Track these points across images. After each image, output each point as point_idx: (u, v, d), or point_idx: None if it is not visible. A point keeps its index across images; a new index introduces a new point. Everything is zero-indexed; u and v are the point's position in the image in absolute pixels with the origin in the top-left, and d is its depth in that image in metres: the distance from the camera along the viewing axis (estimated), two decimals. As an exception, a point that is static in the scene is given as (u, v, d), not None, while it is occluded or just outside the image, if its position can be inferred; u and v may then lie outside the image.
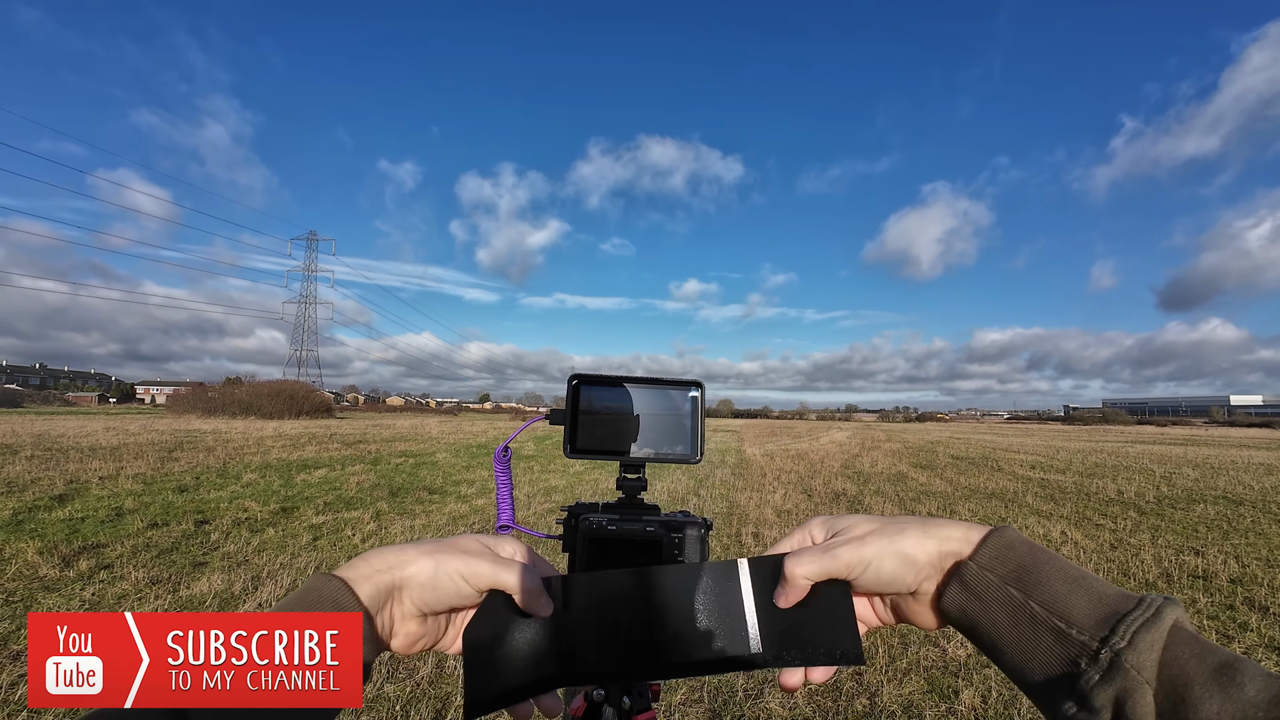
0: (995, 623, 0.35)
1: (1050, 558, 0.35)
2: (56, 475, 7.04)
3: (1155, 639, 0.30)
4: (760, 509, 5.87)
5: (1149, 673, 0.29)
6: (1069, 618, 0.32)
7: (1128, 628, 0.30)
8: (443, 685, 2.26)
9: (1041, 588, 0.34)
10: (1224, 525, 5.58)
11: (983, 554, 0.36)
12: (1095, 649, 0.31)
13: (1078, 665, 0.31)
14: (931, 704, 2.22)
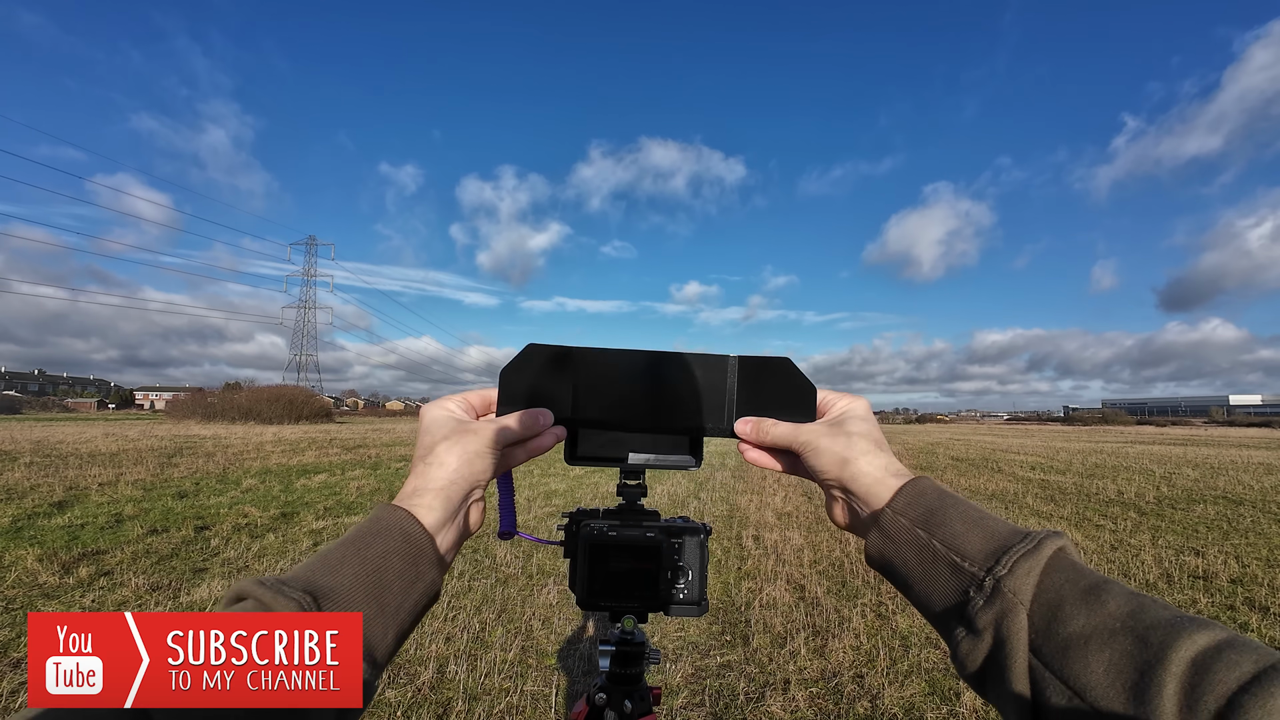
0: (905, 561, 0.39)
1: (956, 502, 0.39)
2: (56, 482, 7.02)
3: (1033, 566, 0.33)
4: (760, 511, 5.87)
5: (1025, 595, 0.33)
6: (964, 552, 0.36)
7: (1010, 558, 0.34)
8: (444, 690, 2.26)
9: (944, 528, 0.38)
10: (1224, 525, 5.57)
11: (897, 501, 0.41)
12: (982, 578, 0.35)
13: (968, 594, 0.35)
14: (932, 706, 2.22)
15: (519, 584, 3.50)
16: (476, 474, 0.44)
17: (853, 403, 0.48)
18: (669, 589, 0.53)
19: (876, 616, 3.10)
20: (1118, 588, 0.32)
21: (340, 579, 0.36)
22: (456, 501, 0.42)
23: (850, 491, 0.44)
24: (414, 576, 0.39)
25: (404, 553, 0.38)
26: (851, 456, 0.44)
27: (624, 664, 0.61)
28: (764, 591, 3.43)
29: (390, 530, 0.39)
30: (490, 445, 0.44)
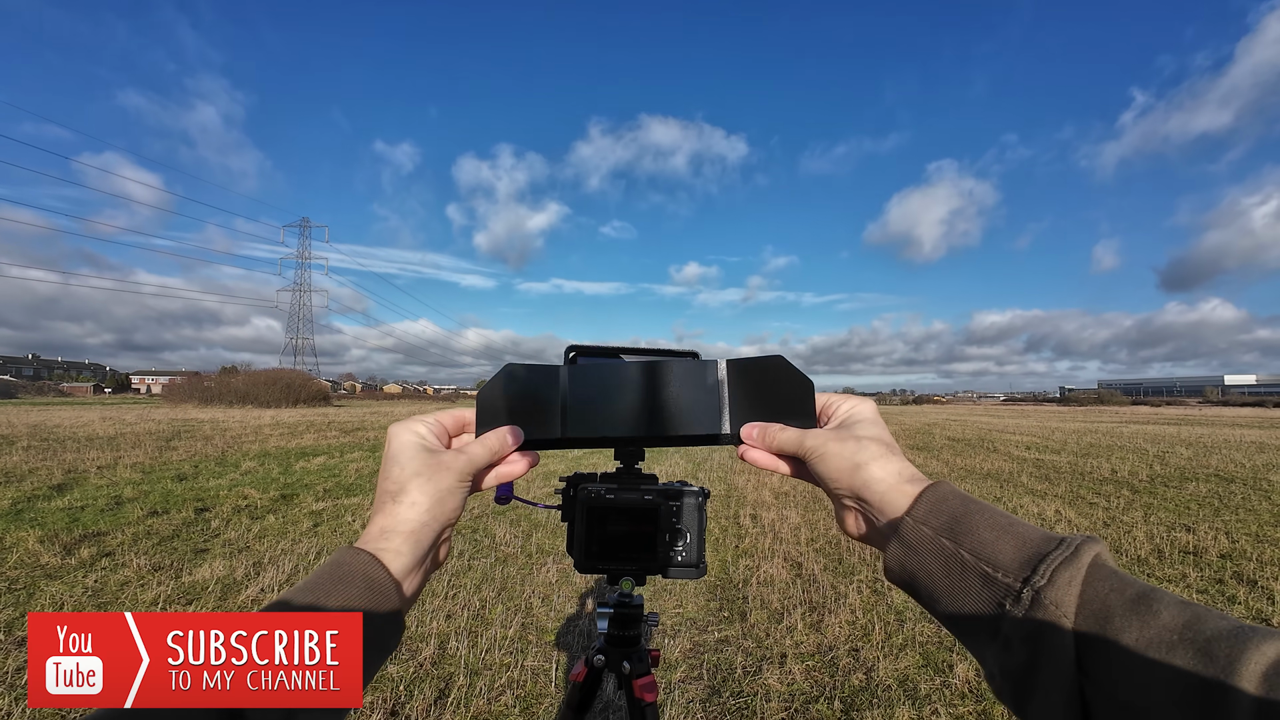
0: (930, 574, 0.37)
1: (981, 508, 0.37)
2: (54, 465, 7.03)
3: (1074, 575, 0.31)
4: (758, 491, 5.92)
5: (1068, 608, 0.30)
6: (995, 562, 0.34)
7: (1048, 566, 0.32)
8: (445, 666, 2.29)
9: (971, 536, 0.35)
10: (1215, 502, 5.64)
11: (918, 509, 0.38)
12: (1018, 589, 0.32)
13: (1002, 606, 0.33)
14: (926, 678, 2.26)
15: (518, 563, 3.54)
16: (448, 514, 0.42)
17: (859, 405, 0.46)
18: (667, 551, 0.53)
19: (872, 592, 3.14)
20: (1168, 596, 0.29)
21: None
22: (426, 545, 0.41)
23: (864, 500, 0.41)
24: (379, 623, 0.37)
25: (367, 600, 0.36)
26: (863, 461, 0.41)
27: (622, 626, 0.61)
28: (761, 569, 3.47)
29: (352, 578, 0.37)
30: (461, 480, 0.42)
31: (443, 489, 0.41)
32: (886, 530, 0.40)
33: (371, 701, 2.02)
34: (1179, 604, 0.29)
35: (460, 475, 0.42)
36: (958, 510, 0.37)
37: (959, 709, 2.05)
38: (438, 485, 0.41)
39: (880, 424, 0.45)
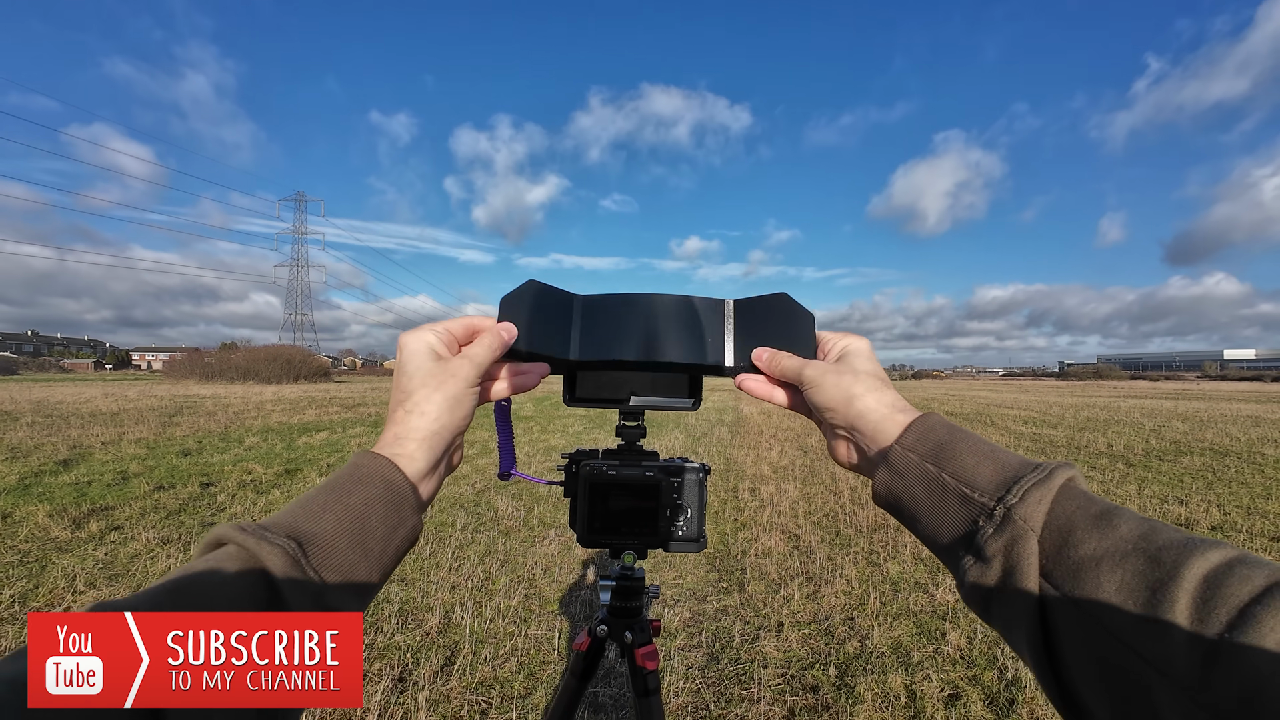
0: (914, 496, 0.40)
1: (966, 436, 0.40)
2: (59, 441, 7.09)
3: (1044, 494, 0.34)
4: (757, 465, 5.98)
5: (1035, 522, 0.33)
6: (973, 484, 0.37)
7: (1021, 487, 0.34)
8: (451, 634, 2.35)
9: (954, 461, 0.38)
10: (1209, 475, 5.71)
11: (906, 437, 0.41)
12: (992, 507, 0.35)
13: (977, 523, 0.36)
14: (919, 645, 2.32)
15: (521, 535, 3.59)
16: (458, 420, 0.43)
17: (855, 341, 0.48)
18: (668, 526, 0.54)
19: (868, 563, 3.20)
20: (1128, 514, 0.32)
21: (323, 525, 0.36)
22: (439, 451, 0.42)
23: (857, 429, 0.44)
24: (396, 523, 0.39)
25: (386, 500, 0.38)
26: (858, 393, 0.44)
27: (624, 598, 0.63)
28: (760, 541, 3.53)
29: (372, 479, 0.39)
30: (469, 384, 0.43)
31: (451, 396, 0.42)
32: (876, 458, 0.42)
33: (380, 669, 2.08)
34: (1138, 520, 0.31)
35: (468, 380, 0.43)
36: (944, 438, 0.39)
37: (950, 674, 2.12)
38: (446, 393, 0.42)
39: (874, 360, 0.47)
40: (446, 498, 4.47)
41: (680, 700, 1.97)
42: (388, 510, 0.38)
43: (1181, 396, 22.91)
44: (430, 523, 3.83)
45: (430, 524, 3.80)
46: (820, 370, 0.46)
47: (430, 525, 3.77)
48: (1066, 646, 0.31)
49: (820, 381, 0.45)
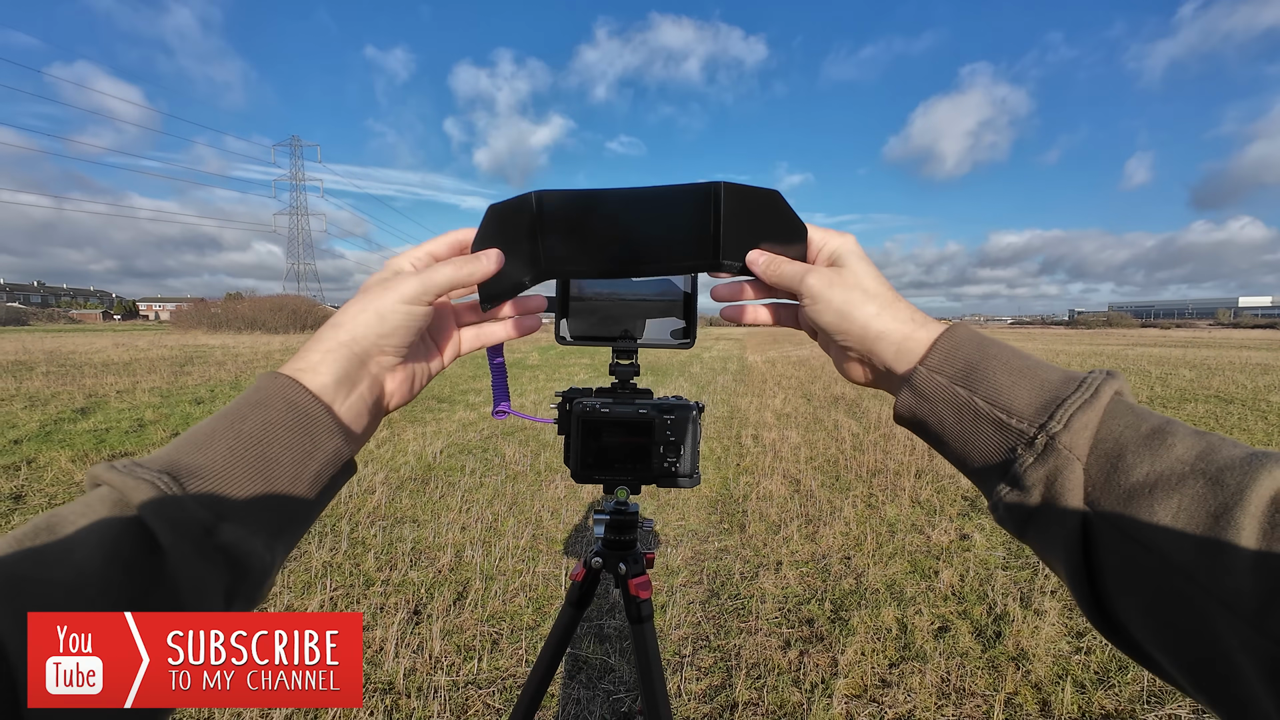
0: (941, 420, 0.36)
1: (998, 351, 0.36)
2: (75, 390, 7.23)
3: (1090, 418, 0.31)
4: (760, 412, 6.04)
5: (1080, 450, 0.30)
6: (1010, 408, 0.33)
7: (1065, 411, 0.31)
8: (462, 571, 2.46)
9: (986, 383, 0.34)
10: (1211, 422, 5.73)
11: (932, 357, 0.37)
12: (1032, 435, 0.32)
13: (1014, 450, 0.32)
14: (913, 582, 2.41)
15: (528, 480, 3.69)
16: (377, 335, 0.38)
17: (845, 241, 0.42)
18: (661, 462, 0.55)
19: (867, 506, 3.28)
20: (1183, 429, 0.29)
21: (210, 455, 0.31)
22: (351, 363, 0.37)
23: (874, 352, 0.39)
24: (308, 447, 0.34)
25: (289, 423, 0.34)
26: (872, 313, 0.39)
27: (618, 531, 0.65)
28: (761, 485, 3.62)
29: (270, 400, 0.34)
30: (404, 300, 0.38)
31: (375, 309, 0.37)
32: (899, 379, 0.39)
33: (395, 602, 2.19)
34: (1194, 435, 0.28)
35: (402, 296, 0.38)
36: (973, 356, 0.36)
37: (941, 609, 2.21)
38: (368, 304, 0.38)
39: (869, 263, 0.42)
40: (456, 444, 4.57)
41: (681, 632, 2.07)
42: (292, 435, 0.34)
43: (1192, 345, 22.72)
44: (440, 467, 3.93)
45: (440, 469, 3.90)
46: (824, 281, 0.40)
47: (440, 470, 3.87)
48: (1112, 574, 0.29)
49: (826, 296, 0.40)
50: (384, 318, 0.37)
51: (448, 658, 1.89)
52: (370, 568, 2.47)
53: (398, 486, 3.53)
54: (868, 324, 0.39)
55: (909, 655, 1.94)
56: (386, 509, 3.16)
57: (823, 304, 0.40)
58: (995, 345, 0.36)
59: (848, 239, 0.42)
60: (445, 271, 0.39)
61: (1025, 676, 1.82)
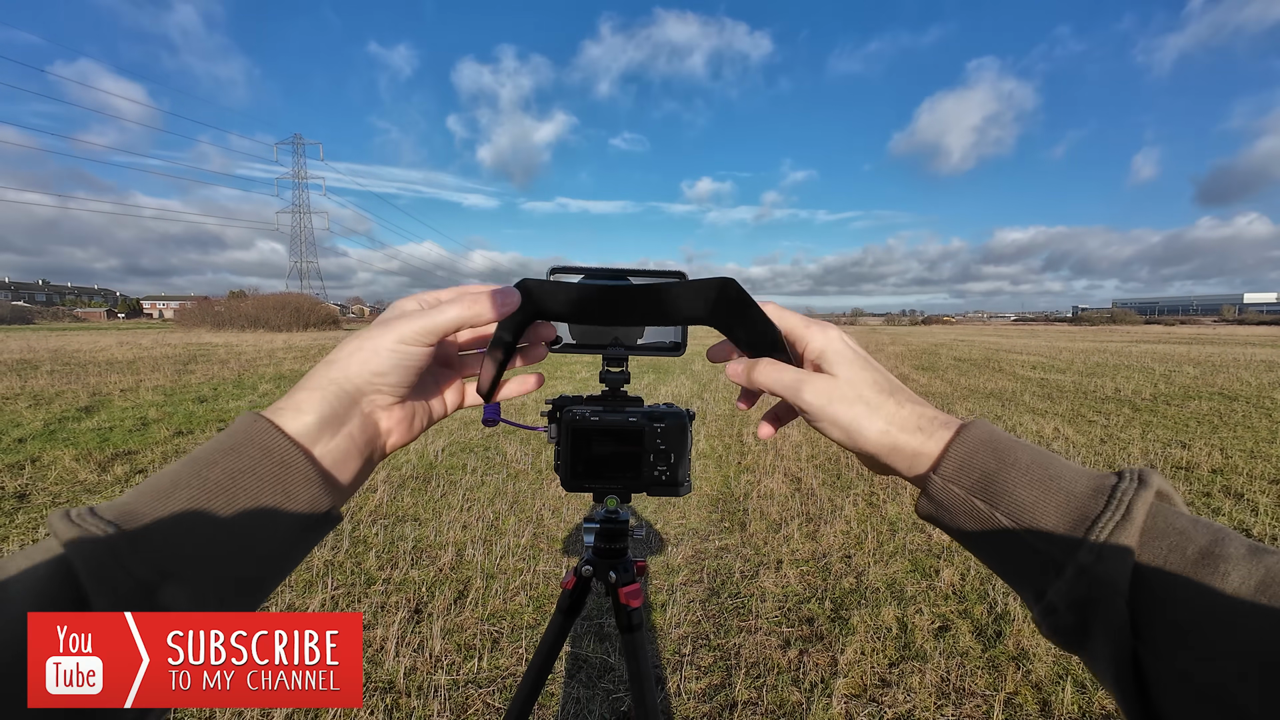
0: (964, 532, 0.34)
1: (1016, 458, 0.33)
2: (79, 388, 7.26)
3: (1126, 542, 0.28)
4: (761, 409, 6.03)
5: (1122, 584, 0.27)
6: (1036, 528, 0.31)
7: (1098, 535, 0.29)
8: (463, 570, 2.46)
9: (1007, 497, 0.32)
10: (1215, 420, 5.71)
11: (946, 465, 0.35)
12: (1063, 562, 0.29)
13: (1047, 575, 0.30)
14: (914, 582, 2.41)
15: (529, 478, 3.70)
16: (377, 370, 0.36)
17: (827, 340, 0.40)
18: (651, 471, 0.55)
19: (868, 505, 3.28)
20: (1235, 548, 0.26)
21: (169, 506, 0.29)
22: (340, 401, 0.36)
23: (888, 466, 0.38)
24: (280, 498, 0.32)
25: (260, 472, 0.32)
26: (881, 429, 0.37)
27: (609, 540, 0.65)
28: (762, 483, 3.62)
29: (243, 446, 0.32)
30: (402, 340, 0.36)
31: (370, 345, 0.36)
32: (915, 480, 0.37)
33: (396, 601, 2.20)
34: (1249, 558, 0.25)
35: (401, 336, 0.36)
36: (990, 467, 0.33)
37: (941, 608, 2.20)
38: (365, 341, 0.36)
39: (861, 361, 0.39)
40: (457, 442, 4.58)
41: (681, 630, 2.08)
42: (262, 484, 0.32)
43: (1196, 341, 22.62)
44: (441, 466, 3.94)
45: (441, 467, 3.91)
46: (823, 398, 0.38)
47: (441, 468, 3.88)
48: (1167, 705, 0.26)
49: (829, 414, 0.38)
50: (379, 354, 0.36)
51: (448, 656, 1.90)
52: (372, 566, 2.48)
53: (399, 485, 3.54)
54: (879, 441, 0.37)
55: (909, 655, 1.94)
56: (388, 507, 3.17)
57: (826, 422, 0.38)
58: (1013, 449, 0.34)
59: (831, 336, 0.40)
60: (451, 311, 0.37)
61: (1026, 676, 1.82)
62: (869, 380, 0.38)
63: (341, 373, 0.36)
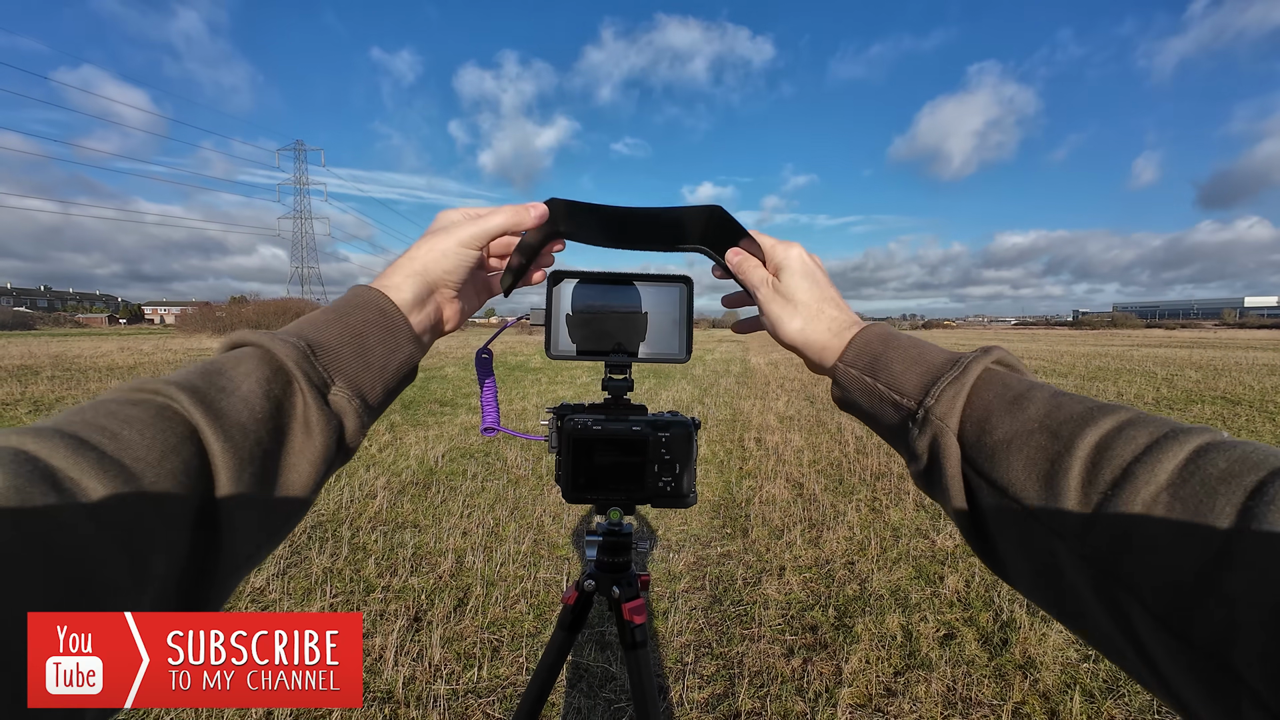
0: (858, 405, 0.44)
1: (900, 344, 0.42)
2: (80, 394, 7.25)
3: (959, 390, 0.37)
4: (763, 415, 6.02)
5: (951, 419, 0.36)
6: (902, 389, 0.40)
7: (939, 387, 0.38)
8: (463, 578, 2.44)
9: (886, 370, 0.41)
10: (1218, 424, 5.68)
11: (847, 353, 0.45)
12: (914, 410, 0.39)
13: (907, 424, 0.39)
14: (918, 588, 2.38)
15: (530, 484, 3.68)
16: (441, 270, 0.46)
17: (788, 252, 0.49)
18: (655, 482, 0.53)
19: (870, 510, 3.25)
20: (1041, 393, 0.34)
21: (327, 336, 0.39)
22: (423, 288, 0.45)
23: (804, 356, 0.48)
24: (393, 345, 0.42)
25: (381, 324, 0.42)
26: (798, 326, 0.47)
27: (612, 553, 0.63)
28: (764, 489, 3.59)
29: (367, 305, 0.42)
30: (461, 243, 0.46)
31: (439, 247, 0.45)
32: (828, 372, 0.47)
33: (395, 609, 2.18)
34: (1047, 397, 0.33)
35: (459, 239, 0.46)
36: (878, 350, 0.43)
37: (946, 615, 2.18)
38: (435, 244, 0.46)
39: (806, 272, 0.48)
40: (457, 448, 4.56)
41: (683, 639, 2.05)
42: (383, 333, 0.41)
43: (1197, 345, 22.58)
44: (441, 471, 3.92)
45: (442, 473, 3.89)
46: (767, 296, 0.49)
47: (442, 474, 3.87)
48: (990, 522, 0.34)
49: (765, 309, 0.49)
50: (447, 255, 0.45)
51: (447, 666, 1.87)
52: (371, 573, 2.46)
53: (399, 491, 3.51)
54: (794, 335, 0.47)
55: (914, 663, 1.91)
56: (388, 514, 3.15)
57: (763, 315, 0.49)
58: (899, 338, 0.43)
59: (792, 250, 0.49)
60: (496, 218, 0.47)
61: (1033, 685, 1.79)
62: (804, 288, 0.48)
63: (422, 265, 0.45)
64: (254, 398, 0.33)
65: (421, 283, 0.45)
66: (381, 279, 0.45)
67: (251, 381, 0.34)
